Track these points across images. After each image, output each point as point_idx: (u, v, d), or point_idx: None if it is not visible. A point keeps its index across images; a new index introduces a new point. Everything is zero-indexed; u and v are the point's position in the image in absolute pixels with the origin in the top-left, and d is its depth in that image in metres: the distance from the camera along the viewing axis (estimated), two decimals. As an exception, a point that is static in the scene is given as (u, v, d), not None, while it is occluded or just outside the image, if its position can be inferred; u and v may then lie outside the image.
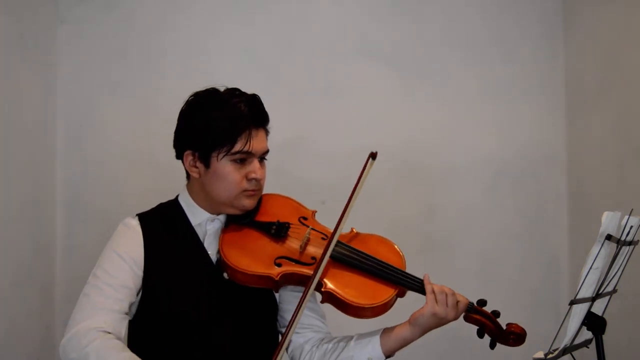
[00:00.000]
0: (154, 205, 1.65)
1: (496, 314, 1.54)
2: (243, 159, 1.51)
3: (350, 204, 1.51)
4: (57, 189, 2.53)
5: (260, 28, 2.65)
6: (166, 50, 2.60)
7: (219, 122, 1.48)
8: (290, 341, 1.63)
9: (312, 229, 1.59)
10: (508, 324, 1.52)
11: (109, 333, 1.41)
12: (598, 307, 1.46)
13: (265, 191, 1.63)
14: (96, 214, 2.53)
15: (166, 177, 1.92)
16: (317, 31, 2.68)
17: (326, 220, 1.65)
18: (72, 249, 2.52)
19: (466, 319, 1.54)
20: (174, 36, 2.60)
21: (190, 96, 1.56)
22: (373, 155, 1.53)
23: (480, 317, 1.52)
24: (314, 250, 1.55)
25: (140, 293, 1.52)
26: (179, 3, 2.62)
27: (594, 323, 1.42)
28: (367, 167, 1.52)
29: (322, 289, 1.49)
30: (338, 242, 1.54)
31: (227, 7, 2.64)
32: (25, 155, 2.31)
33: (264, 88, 1.82)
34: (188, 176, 1.61)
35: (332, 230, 1.53)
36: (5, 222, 2.16)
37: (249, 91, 1.57)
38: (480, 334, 1.54)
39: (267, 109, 1.58)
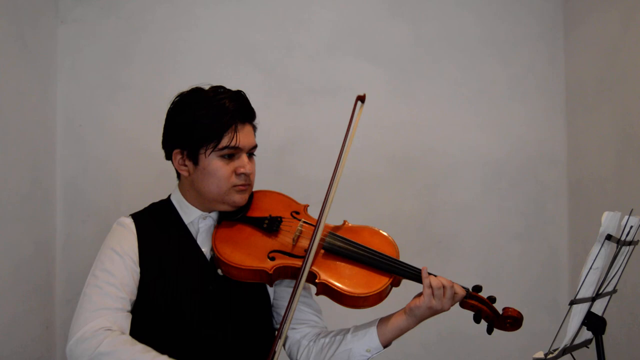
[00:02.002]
0: (153, 205, 1.65)
1: (492, 299, 1.52)
2: (231, 154, 1.52)
3: (342, 157, 1.46)
4: (57, 188, 2.53)
5: (260, 28, 2.65)
6: (166, 50, 2.60)
7: (204, 119, 1.49)
8: (286, 336, 1.63)
9: (304, 222, 1.59)
10: (505, 308, 1.51)
11: (115, 331, 1.42)
12: (598, 307, 1.46)
13: (265, 189, 1.64)
14: (96, 213, 2.54)
15: (166, 177, 1.92)
16: (317, 31, 2.68)
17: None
18: (71, 248, 2.53)
19: (462, 305, 1.53)
20: (174, 36, 2.60)
21: (176, 96, 1.57)
22: (361, 99, 1.50)
23: (477, 302, 1.51)
24: (306, 243, 1.54)
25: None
26: (178, 3, 2.62)
27: (594, 323, 1.42)
28: (356, 111, 1.49)
29: (316, 280, 1.49)
30: (331, 233, 1.54)
31: (227, 7, 2.64)
32: (26, 155, 2.31)
33: (264, 88, 1.84)
34: (178, 175, 1.62)
35: (324, 222, 1.50)
36: (5, 221, 2.16)
37: (250, 91, 1.58)
38: (477, 319, 1.53)
39: (267, 108, 1.58)
